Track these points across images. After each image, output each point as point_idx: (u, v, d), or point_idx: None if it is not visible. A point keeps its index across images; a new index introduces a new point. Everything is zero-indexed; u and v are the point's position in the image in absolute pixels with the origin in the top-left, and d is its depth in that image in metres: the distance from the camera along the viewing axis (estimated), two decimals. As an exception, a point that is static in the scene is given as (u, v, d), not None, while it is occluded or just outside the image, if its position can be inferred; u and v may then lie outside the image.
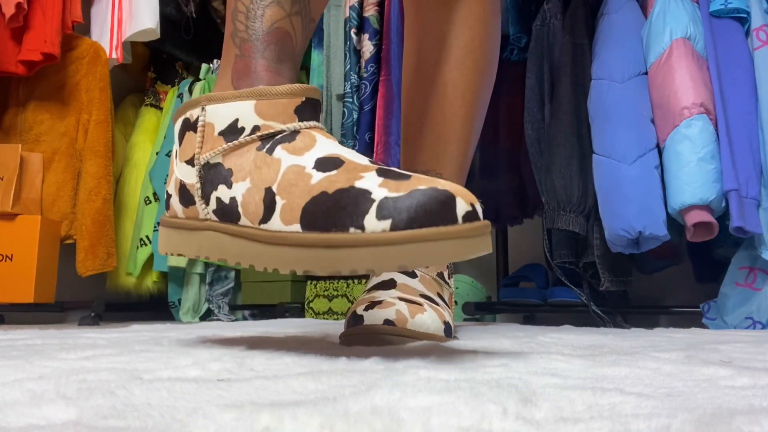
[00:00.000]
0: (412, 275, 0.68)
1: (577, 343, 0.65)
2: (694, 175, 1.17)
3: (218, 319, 1.84)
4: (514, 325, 1.30)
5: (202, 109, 0.53)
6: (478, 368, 0.41)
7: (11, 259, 1.44)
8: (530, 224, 1.73)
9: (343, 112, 1.68)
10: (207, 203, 0.52)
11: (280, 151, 0.49)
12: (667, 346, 0.63)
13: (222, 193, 0.50)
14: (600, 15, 1.40)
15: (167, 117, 1.97)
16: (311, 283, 1.74)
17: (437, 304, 0.67)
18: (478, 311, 1.58)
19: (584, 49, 1.38)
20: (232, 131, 0.51)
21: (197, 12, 2.09)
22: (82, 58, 1.66)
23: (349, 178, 0.45)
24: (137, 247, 1.85)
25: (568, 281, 1.36)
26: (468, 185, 1.81)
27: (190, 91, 1.95)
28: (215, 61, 2.04)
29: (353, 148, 1.65)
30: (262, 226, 0.47)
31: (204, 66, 1.99)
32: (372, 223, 0.42)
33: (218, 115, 0.52)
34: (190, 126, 0.54)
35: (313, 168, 0.47)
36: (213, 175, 0.52)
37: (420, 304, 0.63)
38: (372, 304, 0.61)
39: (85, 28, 1.73)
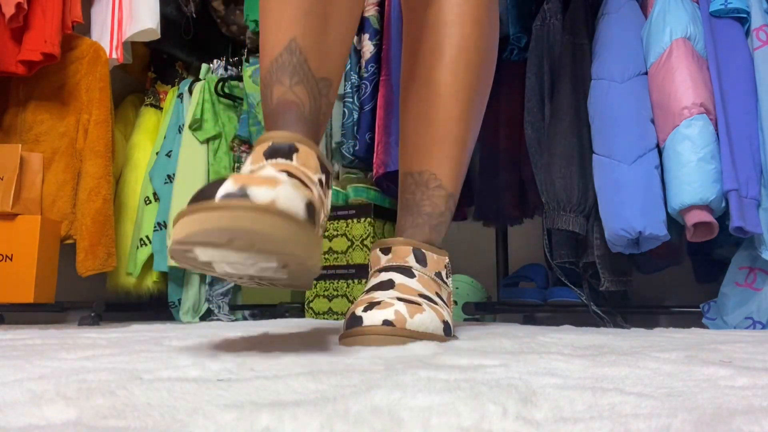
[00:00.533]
0: (410, 275, 0.69)
1: (577, 343, 0.65)
2: (694, 175, 1.17)
3: (218, 319, 1.84)
4: (514, 325, 1.30)
5: None
6: (478, 368, 0.41)
7: (11, 259, 1.44)
8: (530, 224, 1.73)
9: (343, 112, 1.68)
10: None
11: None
12: (667, 346, 0.63)
13: None
14: (600, 15, 1.40)
15: (167, 117, 1.97)
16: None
17: (436, 303, 0.68)
18: (478, 311, 1.58)
19: (584, 49, 1.38)
20: None
21: (197, 12, 2.09)
22: (82, 58, 1.66)
23: None
24: (137, 247, 1.85)
25: (568, 281, 1.36)
26: (468, 185, 1.82)
27: (190, 91, 1.96)
28: (215, 61, 2.04)
29: (353, 147, 1.65)
30: None
31: (204, 66, 1.99)
32: None
33: None
34: None
35: None
36: None
37: (419, 304, 0.64)
38: (371, 305, 0.61)
39: (85, 28, 1.73)
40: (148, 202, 1.88)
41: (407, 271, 0.69)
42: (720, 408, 0.28)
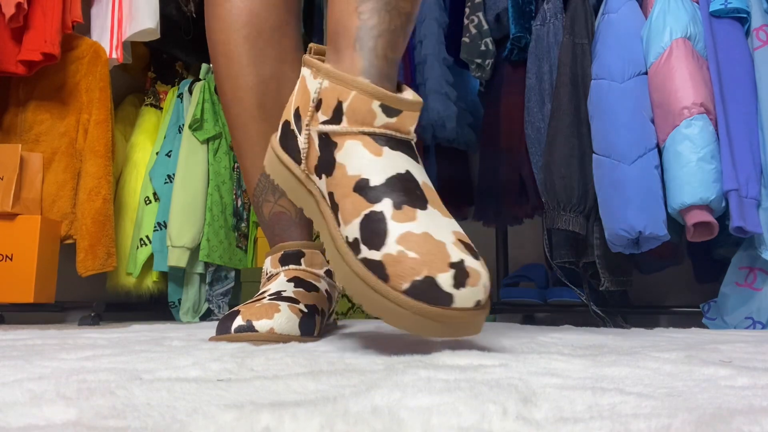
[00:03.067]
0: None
1: (577, 343, 0.65)
2: (694, 175, 1.17)
3: (218, 319, 1.84)
4: (514, 325, 1.30)
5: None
6: (478, 368, 0.41)
7: (11, 259, 1.44)
8: (530, 224, 1.73)
9: (343, 112, 1.68)
10: None
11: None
12: (667, 346, 0.63)
13: None
14: (600, 15, 1.40)
15: (167, 117, 1.97)
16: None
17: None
18: (478, 311, 1.58)
19: (584, 49, 1.38)
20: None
21: (197, 12, 2.09)
22: (82, 58, 1.66)
23: None
24: (137, 247, 1.85)
25: (568, 281, 1.36)
26: (468, 185, 1.81)
27: (190, 91, 1.96)
28: (215, 61, 2.03)
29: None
30: None
31: (204, 66, 1.99)
32: None
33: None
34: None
35: None
36: None
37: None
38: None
39: (85, 28, 1.73)
40: (148, 202, 1.88)
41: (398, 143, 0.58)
42: (720, 408, 0.28)
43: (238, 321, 0.64)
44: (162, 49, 2.07)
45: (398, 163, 0.52)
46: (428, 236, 0.48)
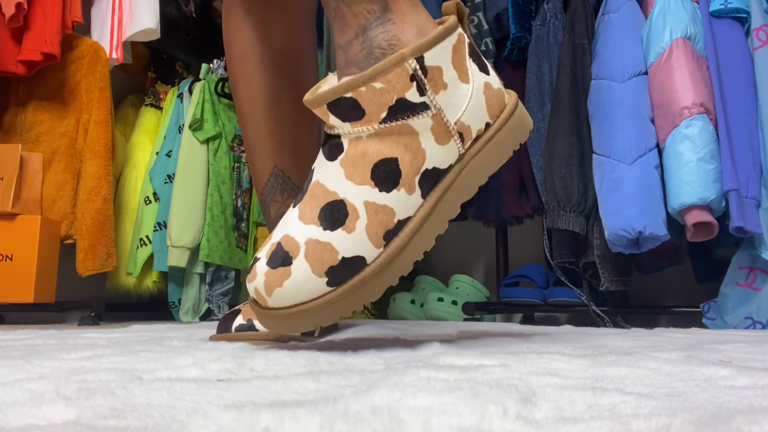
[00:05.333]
0: (334, 154, 0.50)
1: (577, 343, 0.65)
2: (694, 175, 1.17)
3: (218, 319, 1.84)
4: (514, 325, 1.30)
5: None
6: (478, 368, 0.41)
7: (11, 259, 1.44)
8: (530, 224, 1.73)
9: (343, 112, 1.68)
10: None
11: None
12: (667, 346, 0.63)
13: None
14: (600, 15, 1.40)
15: (167, 117, 1.97)
16: None
17: (339, 224, 0.49)
18: (478, 311, 1.58)
19: (584, 49, 1.38)
20: None
21: (197, 12, 2.09)
22: (82, 58, 1.66)
23: None
24: (137, 247, 1.85)
25: (568, 281, 1.36)
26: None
27: (190, 91, 1.95)
28: (215, 61, 2.04)
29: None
30: None
31: (204, 66, 1.99)
32: None
33: None
34: None
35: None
36: None
37: (287, 263, 0.49)
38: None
39: (85, 28, 1.73)
40: (148, 202, 1.88)
41: (334, 148, 0.50)
42: (720, 408, 0.28)
43: (239, 320, 0.64)
44: (162, 49, 2.07)
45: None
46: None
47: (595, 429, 0.24)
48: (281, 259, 0.49)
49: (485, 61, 0.55)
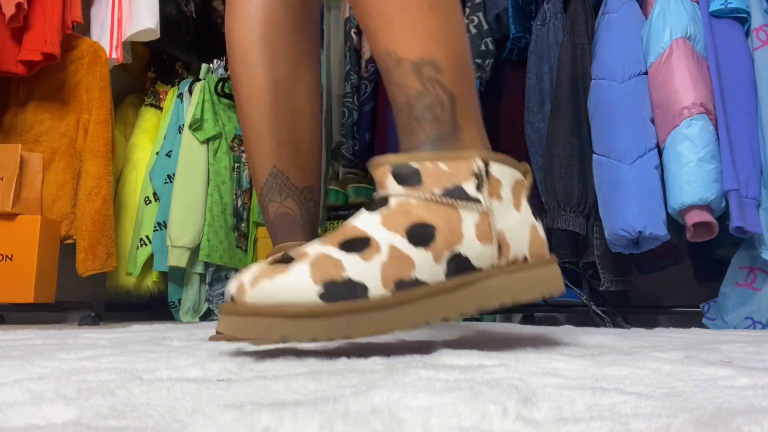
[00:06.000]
0: (378, 207, 0.51)
1: (577, 343, 0.65)
2: (694, 175, 1.17)
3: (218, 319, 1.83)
4: (514, 325, 1.30)
5: None
6: (478, 368, 0.41)
7: (11, 259, 1.44)
8: (530, 224, 1.72)
9: (343, 112, 1.68)
10: None
11: None
12: (667, 346, 0.63)
13: None
14: (600, 15, 1.40)
15: (167, 117, 1.97)
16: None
17: (363, 249, 0.47)
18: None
19: (584, 49, 1.38)
20: None
21: (197, 12, 2.09)
22: (82, 58, 1.66)
23: None
24: (137, 247, 1.85)
25: (568, 281, 1.36)
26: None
27: (190, 91, 1.96)
28: (215, 61, 2.04)
29: (353, 148, 1.65)
30: None
31: (204, 66, 1.99)
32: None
33: None
34: None
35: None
36: None
37: (287, 262, 0.47)
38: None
39: (85, 28, 1.73)
40: (148, 202, 1.88)
41: (379, 203, 0.51)
42: (720, 408, 0.28)
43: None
44: (162, 49, 2.07)
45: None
46: None
47: (595, 429, 0.24)
48: (282, 260, 0.47)
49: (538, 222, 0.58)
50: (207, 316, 1.89)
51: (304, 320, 0.44)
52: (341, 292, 0.45)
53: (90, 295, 1.70)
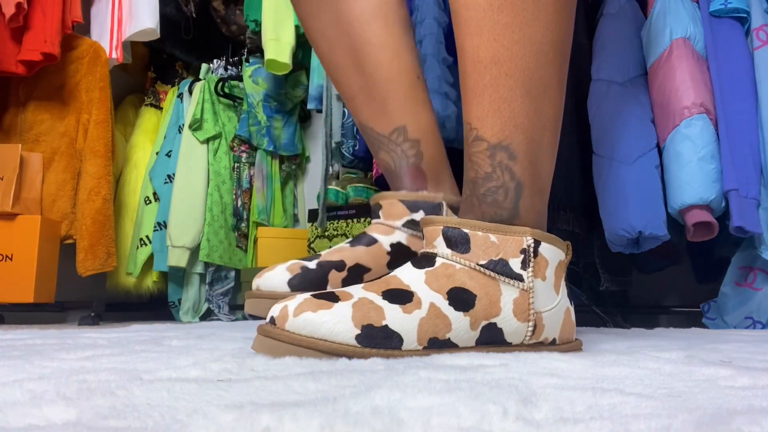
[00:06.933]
0: (424, 264, 0.52)
1: (577, 343, 0.65)
2: (694, 175, 1.17)
3: (218, 319, 1.84)
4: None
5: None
6: (478, 368, 0.41)
7: (11, 259, 1.44)
8: (530, 224, 1.72)
9: (343, 112, 1.68)
10: None
11: None
12: (667, 346, 0.63)
13: None
14: (600, 15, 1.40)
15: (167, 117, 1.97)
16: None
17: (399, 302, 0.48)
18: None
19: (584, 49, 1.38)
20: None
21: (197, 12, 2.09)
22: (82, 58, 1.66)
23: None
24: (137, 247, 1.85)
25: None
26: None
27: (190, 91, 1.96)
28: (215, 61, 2.04)
29: (353, 147, 1.65)
30: None
31: (204, 66, 1.99)
32: None
33: None
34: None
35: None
36: None
37: (334, 301, 0.47)
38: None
39: (85, 28, 1.73)
40: (148, 202, 1.88)
41: (426, 260, 0.52)
42: (720, 408, 0.28)
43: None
44: (162, 49, 2.07)
45: None
46: None
47: (595, 429, 0.24)
48: (327, 296, 0.48)
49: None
50: (207, 316, 1.89)
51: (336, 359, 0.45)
52: (378, 338, 0.46)
53: (90, 295, 1.70)
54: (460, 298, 0.50)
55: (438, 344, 0.49)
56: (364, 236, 0.70)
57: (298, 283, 0.67)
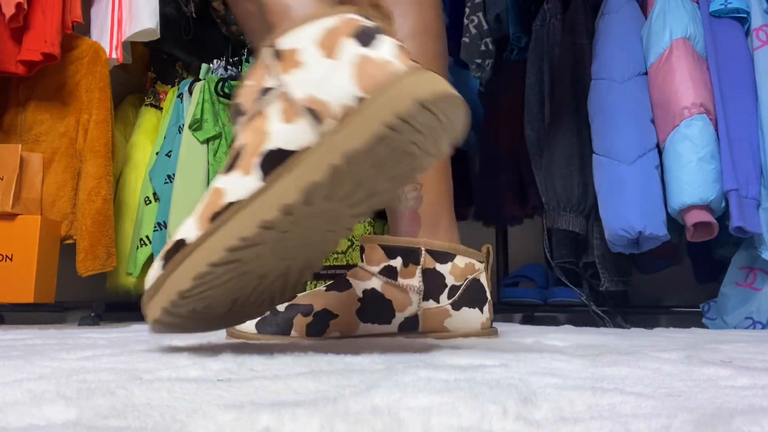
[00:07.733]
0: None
1: (577, 343, 0.65)
2: (694, 175, 1.17)
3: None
4: (514, 325, 1.30)
5: None
6: (478, 368, 0.41)
7: (11, 259, 1.44)
8: (530, 224, 1.73)
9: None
10: None
11: None
12: (667, 346, 0.63)
13: None
14: (600, 15, 1.40)
15: (167, 117, 1.97)
16: (311, 284, 1.74)
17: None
18: (478, 311, 1.58)
19: (584, 49, 1.38)
20: None
21: (197, 12, 2.09)
22: (82, 58, 1.65)
23: None
24: (137, 247, 1.85)
25: (568, 281, 1.36)
26: (468, 185, 1.80)
27: (190, 91, 1.95)
28: (215, 61, 2.04)
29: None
30: None
31: (204, 66, 1.99)
32: None
33: None
34: None
35: None
36: None
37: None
38: None
39: (85, 28, 1.73)
40: (148, 202, 1.88)
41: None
42: (720, 408, 0.28)
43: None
44: (162, 49, 2.07)
45: None
46: None
47: (595, 429, 0.24)
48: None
49: (392, 41, 0.47)
50: (207, 316, 1.89)
51: (154, 291, 0.48)
52: (172, 253, 0.48)
53: (90, 295, 1.70)
54: (227, 164, 0.48)
55: (220, 215, 0.46)
56: (342, 281, 0.69)
57: (263, 331, 0.67)
